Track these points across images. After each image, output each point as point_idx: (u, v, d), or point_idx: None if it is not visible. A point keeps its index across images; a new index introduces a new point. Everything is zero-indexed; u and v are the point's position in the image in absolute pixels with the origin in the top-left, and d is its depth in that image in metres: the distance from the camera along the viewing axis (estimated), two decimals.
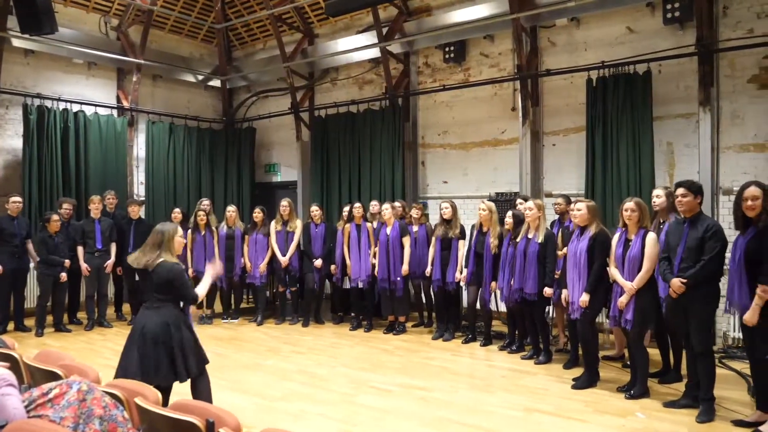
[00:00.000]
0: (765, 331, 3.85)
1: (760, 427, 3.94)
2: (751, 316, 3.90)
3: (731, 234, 4.24)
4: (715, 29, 6.56)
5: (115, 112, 9.59)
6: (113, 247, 7.70)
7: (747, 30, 6.43)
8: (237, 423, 2.35)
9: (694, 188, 4.38)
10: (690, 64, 6.71)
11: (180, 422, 2.33)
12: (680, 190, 4.40)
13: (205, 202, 8.32)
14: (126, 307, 8.26)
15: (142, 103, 9.97)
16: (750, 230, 3.98)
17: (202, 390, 3.83)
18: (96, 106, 9.25)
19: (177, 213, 7.93)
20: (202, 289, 3.92)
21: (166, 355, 3.61)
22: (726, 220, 6.29)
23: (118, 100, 9.76)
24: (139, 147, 9.94)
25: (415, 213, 7.30)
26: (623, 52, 7.09)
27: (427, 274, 6.97)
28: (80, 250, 7.45)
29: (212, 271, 4.14)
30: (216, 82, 11.10)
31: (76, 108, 8.91)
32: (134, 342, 3.63)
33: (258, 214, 7.95)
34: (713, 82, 6.55)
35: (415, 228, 7.23)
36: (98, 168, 9.02)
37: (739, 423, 4.11)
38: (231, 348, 6.60)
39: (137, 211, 7.94)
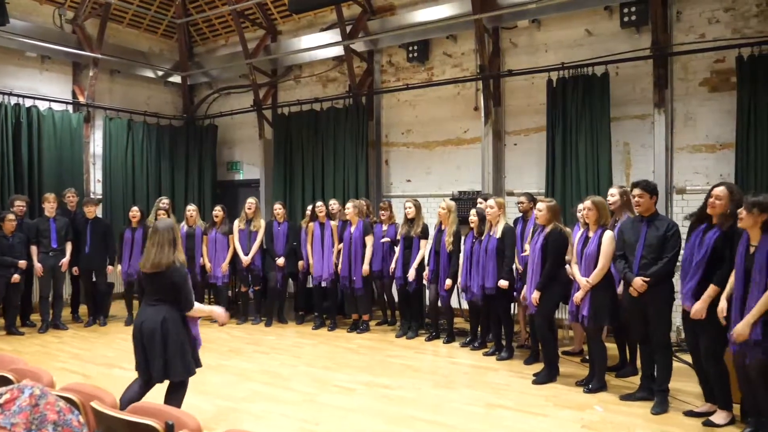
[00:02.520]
0: (714, 329, 3.99)
1: (711, 417, 4.10)
2: (700, 309, 4.04)
3: (683, 232, 4.39)
4: (669, 33, 6.77)
5: (70, 108, 9.30)
6: (69, 246, 7.49)
7: (699, 35, 6.66)
8: (197, 425, 2.31)
9: (650, 188, 4.51)
10: (645, 67, 6.90)
11: (138, 425, 2.28)
12: (636, 191, 4.53)
13: (165, 201, 8.15)
14: (83, 309, 8.03)
15: (99, 98, 9.71)
16: (715, 229, 4.08)
17: (173, 396, 3.77)
18: (50, 101, 8.95)
19: (135, 211, 7.79)
20: (200, 306, 3.90)
21: (160, 353, 3.64)
22: (679, 218, 6.51)
23: (74, 95, 9.46)
24: (96, 144, 9.67)
25: (383, 213, 7.29)
26: (582, 54, 7.24)
27: (391, 273, 7.00)
28: (34, 249, 7.21)
29: (217, 313, 4.08)
30: (176, 78, 10.87)
31: (29, 103, 8.59)
32: (137, 340, 3.70)
33: (218, 213, 7.84)
34: (667, 84, 6.75)
35: (384, 227, 7.23)
36: (53, 165, 8.74)
37: (690, 414, 4.27)
38: None
39: (93, 211, 7.73)
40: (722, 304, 3.89)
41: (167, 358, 3.64)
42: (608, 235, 4.74)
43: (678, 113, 6.79)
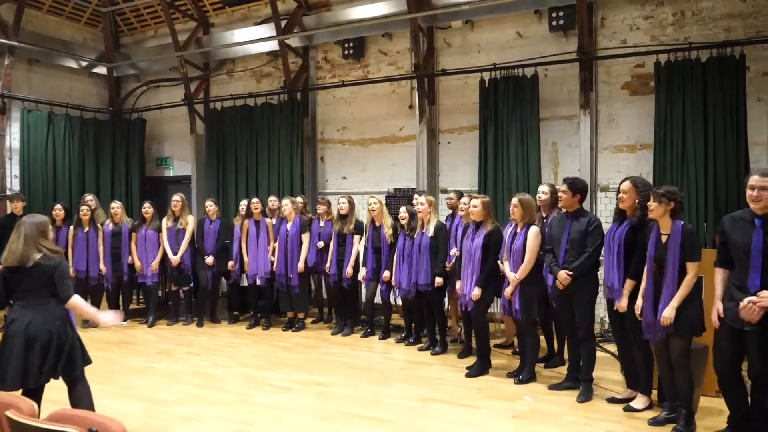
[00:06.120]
0: (633, 318, 4.20)
1: (631, 403, 4.33)
2: (622, 304, 4.25)
3: (607, 228, 4.61)
4: (594, 38, 7.08)
5: None
6: None
7: (621, 40, 6.99)
8: (123, 430, 2.23)
9: (573, 187, 4.68)
10: (572, 70, 7.18)
11: None
12: (562, 187, 4.75)
13: (89, 198, 7.80)
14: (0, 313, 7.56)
15: (16, 89, 9.13)
16: (625, 222, 4.32)
17: (82, 396, 3.61)
18: None
19: (59, 209, 7.41)
20: (82, 303, 3.57)
21: (54, 354, 3.44)
22: (603, 215, 6.83)
23: None
24: (13, 137, 9.10)
25: (320, 208, 7.23)
26: (513, 56, 7.46)
27: (327, 270, 6.97)
28: None
29: (106, 319, 3.69)
30: (102, 70, 10.38)
31: None
32: (14, 345, 3.38)
33: (147, 209, 7.55)
34: (592, 87, 7.05)
35: (321, 223, 7.17)
36: None
37: (612, 400, 4.49)
38: (119, 352, 6.23)
39: (20, 208, 7.29)
40: (639, 302, 4.09)
41: (59, 358, 3.48)
42: (533, 231, 4.89)
43: (602, 115, 7.11)
